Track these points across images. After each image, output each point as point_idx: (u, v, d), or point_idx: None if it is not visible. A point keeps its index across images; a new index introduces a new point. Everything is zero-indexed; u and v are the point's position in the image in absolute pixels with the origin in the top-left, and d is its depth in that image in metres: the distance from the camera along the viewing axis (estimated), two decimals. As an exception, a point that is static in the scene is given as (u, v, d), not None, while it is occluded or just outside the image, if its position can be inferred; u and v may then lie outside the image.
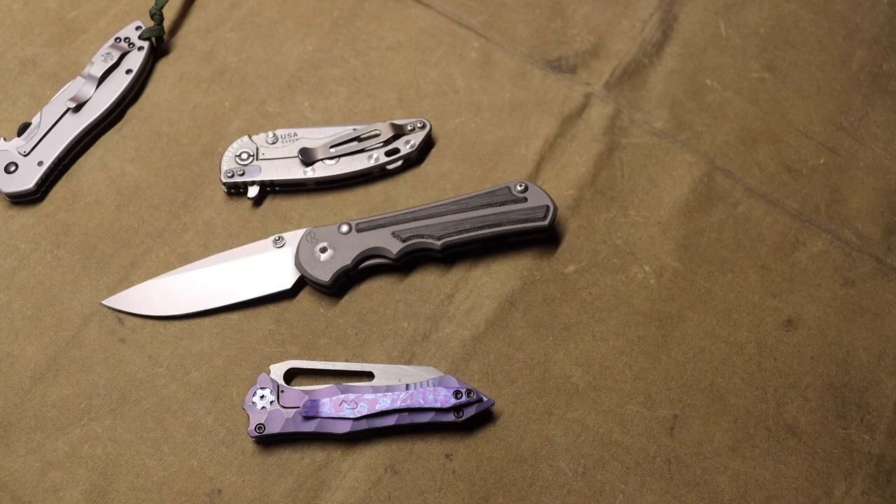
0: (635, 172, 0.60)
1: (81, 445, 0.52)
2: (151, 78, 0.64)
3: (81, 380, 0.54)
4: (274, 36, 0.66)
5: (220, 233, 0.58)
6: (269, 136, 0.60)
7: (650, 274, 0.57)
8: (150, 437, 0.52)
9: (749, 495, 0.51)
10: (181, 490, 0.51)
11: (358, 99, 0.63)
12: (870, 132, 0.62)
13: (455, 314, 0.56)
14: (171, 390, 0.54)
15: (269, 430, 0.50)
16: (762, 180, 0.60)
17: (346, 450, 0.52)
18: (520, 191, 0.56)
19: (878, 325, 0.55)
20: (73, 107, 0.60)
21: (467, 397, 0.51)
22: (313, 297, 0.56)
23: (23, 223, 0.59)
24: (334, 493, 0.51)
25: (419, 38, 0.66)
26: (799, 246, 0.58)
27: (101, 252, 0.58)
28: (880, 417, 0.53)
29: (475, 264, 0.57)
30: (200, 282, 0.56)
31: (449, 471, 0.51)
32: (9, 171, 0.59)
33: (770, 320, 0.56)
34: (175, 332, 0.55)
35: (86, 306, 0.56)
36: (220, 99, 0.63)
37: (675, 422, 0.53)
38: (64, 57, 0.65)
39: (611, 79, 0.64)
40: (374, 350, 0.55)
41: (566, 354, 0.54)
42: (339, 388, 0.51)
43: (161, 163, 0.61)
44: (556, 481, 0.51)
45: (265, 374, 0.52)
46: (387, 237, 0.55)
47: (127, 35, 0.64)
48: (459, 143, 0.61)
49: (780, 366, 0.54)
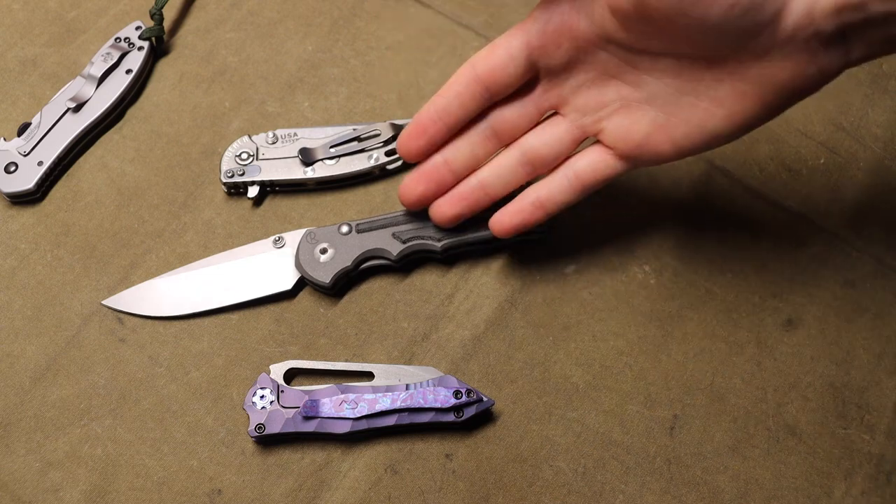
0: (635, 172, 0.60)
1: (81, 445, 0.52)
2: (151, 78, 0.64)
3: (81, 380, 0.54)
4: (274, 36, 0.66)
5: (220, 233, 0.59)
6: (269, 136, 0.60)
7: (650, 274, 0.57)
8: (150, 437, 0.52)
9: (749, 495, 0.51)
10: (181, 490, 0.51)
11: (358, 99, 0.63)
12: (870, 132, 0.62)
13: (455, 314, 0.56)
14: (171, 390, 0.54)
15: (269, 430, 0.50)
16: (762, 180, 0.60)
17: (346, 450, 0.52)
18: (520, 191, 0.56)
19: (878, 325, 0.55)
20: (73, 107, 0.60)
21: (467, 397, 0.51)
22: (313, 298, 0.56)
23: (23, 223, 0.59)
24: (334, 493, 0.51)
25: (419, 38, 0.66)
26: (799, 246, 0.58)
27: (101, 252, 0.58)
28: (880, 417, 0.53)
29: (475, 264, 0.57)
30: (200, 282, 0.56)
31: (449, 471, 0.51)
32: (9, 171, 0.59)
33: (770, 320, 0.56)
34: (175, 332, 0.55)
35: (86, 306, 0.56)
36: (220, 99, 0.63)
37: (675, 422, 0.53)
38: (64, 57, 0.65)
39: (611, 79, 0.64)
40: (374, 350, 0.55)
41: (566, 354, 0.54)
42: (339, 388, 0.51)
43: (161, 163, 0.61)
44: (556, 481, 0.51)
45: (265, 374, 0.52)
46: (387, 238, 0.55)
47: (127, 35, 0.64)
48: (459, 143, 0.61)
49: (780, 366, 0.54)
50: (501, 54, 0.46)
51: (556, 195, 0.49)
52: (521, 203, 0.50)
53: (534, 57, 0.46)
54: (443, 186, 0.51)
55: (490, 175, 0.50)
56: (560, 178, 0.49)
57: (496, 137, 0.50)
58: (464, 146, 0.50)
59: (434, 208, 0.52)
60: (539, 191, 0.50)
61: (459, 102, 0.48)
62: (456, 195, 0.51)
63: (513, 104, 0.49)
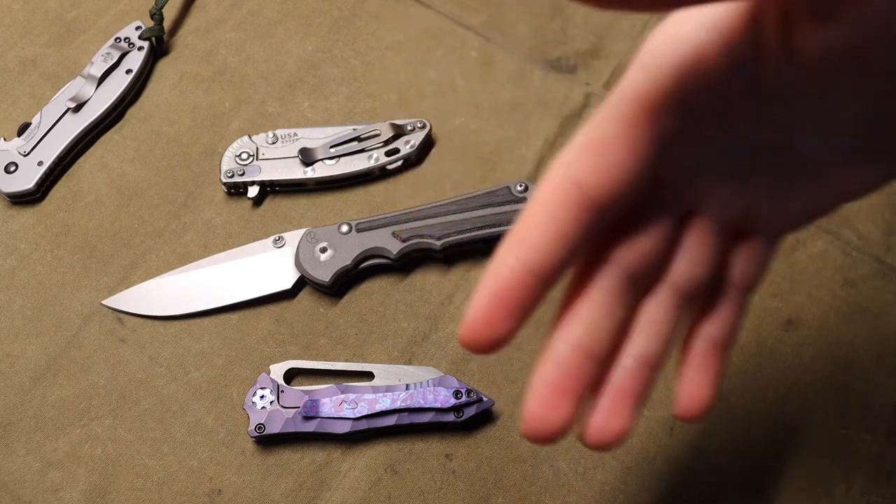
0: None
1: (81, 445, 0.52)
2: (151, 78, 0.64)
3: (81, 380, 0.54)
4: (274, 36, 0.66)
5: (220, 233, 0.59)
6: (269, 136, 0.60)
7: (650, 274, 0.57)
8: (150, 437, 0.52)
9: (749, 495, 0.51)
10: (181, 490, 0.51)
11: (358, 99, 0.63)
12: (870, 132, 0.62)
13: (455, 314, 0.56)
14: (171, 390, 0.54)
15: (269, 430, 0.50)
16: (762, 180, 0.60)
17: (346, 450, 0.52)
18: (520, 191, 0.56)
19: (878, 325, 0.55)
20: (73, 107, 0.60)
21: (467, 397, 0.51)
22: (313, 297, 0.56)
23: (23, 223, 0.59)
24: (334, 493, 0.51)
25: (419, 38, 0.66)
26: (799, 246, 0.58)
27: (101, 252, 0.58)
28: (880, 417, 0.53)
29: (475, 264, 0.57)
30: (200, 282, 0.56)
31: (449, 471, 0.51)
32: (9, 171, 0.59)
33: (770, 320, 0.56)
34: (175, 332, 0.55)
35: (86, 306, 0.56)
36: (220, 99, 0.63)
37: (675, 422, 0.53)
38: (64, 57, 0.65)
39: (611, 79, 0.64)
40: (374, 350, 0.55)
41: (566, 354, 0.54)
42: (339, 388, 0.51)
43: (161, 163, 0.61)
44: (556, 481, 0.51)
45: (265, 374, 0.52)
46: (387, 237, 0.55)
47: (127, 35, 0.64)
48: (459, 143, 0.61)
49: (780, 366, 0.54)
50: (620, 158, 0.27)
51: (728, 321, 0.34)
52: (698, 362, 0.33)
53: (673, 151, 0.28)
54: (588, 391, 0.31)
55: (652, 341, 0.31)
56: (722, 301, 0.34)
57: (634, 283, 0.31)
58: (596, 315, 0.31)
59: (593, 430, 0.30)
60: (706, 331, 0.33)
61: (563, 247, 0.29)
62: (620, 396, 0.30)
63: (643, 223, 0.30)
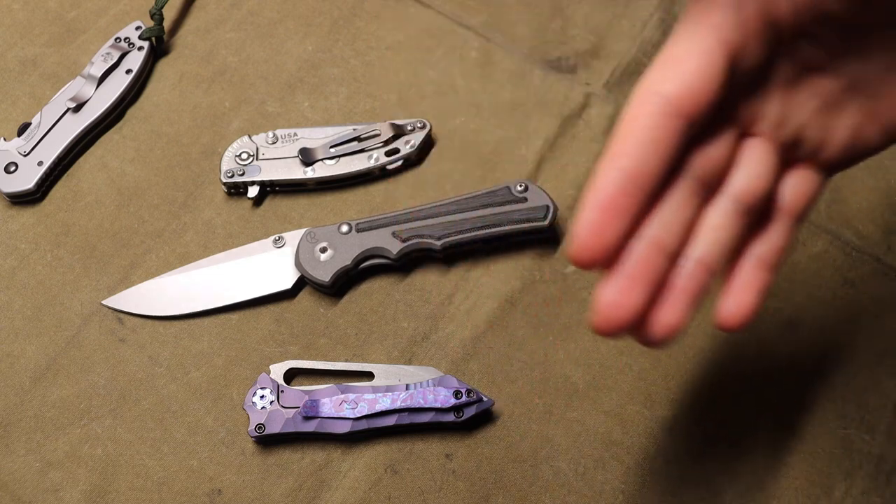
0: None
1: (81, 445, 0.52)
2: (151, 78, 0.64)
3: (81, 380, 0.54)
4: (274, 36, 0.66)
5: (220, 233, 0.59)
6: (269, 136, 0.60)
7: (650, 274, 0.57)
8: (150, 437, 0.52)
9: (749, 495, 0.51)
10: (181, 490, 0.51)
11: (358, 99, 0.63)
12: (870, 132, 0.62)
13: (455, 314, 0.56)
14: (171, 390, 0.54)
15: (269, 430, 0.50)
16: (762, 180, 0.60)
17: (346, 450, 0.52)
18: (520, 191, 0.56)
19: (878, 325, 0.55)
20: (73, 107, 0.60)
21: (467, 397, 0.51)
22: (313, 297, 0.56)
23: (23, 223, 0.59)
24: (334, 493, 0.51)
25: (419, 38, 0.66)
26: (799, 246, 0.58)
27: (101, 252, 0.58)
28: (880, 417, 0.53)
29: (475, 264, 0.57)
30: (200, 282, 0.56)
31: (449, 471, 0.51)
32: (9, 171, 0.59)
33: (770, 320, 0.56)
34: (175, 332, 0.55)
35: (86, 306, 0.56)
36: (220, 99, 0.63)
37: (675, 422, 0.53)
38: (64, 57, 0.65)
39: (611, 79, 0.64)
40: (374, 350, 0.55)
41: (566, 354, 0.54)
42: (339, 388, 0.51)
43: (161, 163, 0.61)
44: (556, 481, 0.51)
45: (265, 374, 0.52)
46: (387, 237, 0.55)
47: (127, 35, 0.64)
48: (459, 143, 0.61)
49: (780, 365, 0.54)
50: (695, 66, 0.32)
51: (776, 243, 0.36)
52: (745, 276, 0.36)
53: (736, 60, 0.33)
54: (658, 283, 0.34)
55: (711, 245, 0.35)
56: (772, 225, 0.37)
57: (703, 189, 0.34)
58: (670, 215, 0.34)
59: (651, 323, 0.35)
60: (755, 249, 0.36)
61: (656, 152, 0.32)
62: (679, 292, 0.34)
63: (710, 136, 0.34)
